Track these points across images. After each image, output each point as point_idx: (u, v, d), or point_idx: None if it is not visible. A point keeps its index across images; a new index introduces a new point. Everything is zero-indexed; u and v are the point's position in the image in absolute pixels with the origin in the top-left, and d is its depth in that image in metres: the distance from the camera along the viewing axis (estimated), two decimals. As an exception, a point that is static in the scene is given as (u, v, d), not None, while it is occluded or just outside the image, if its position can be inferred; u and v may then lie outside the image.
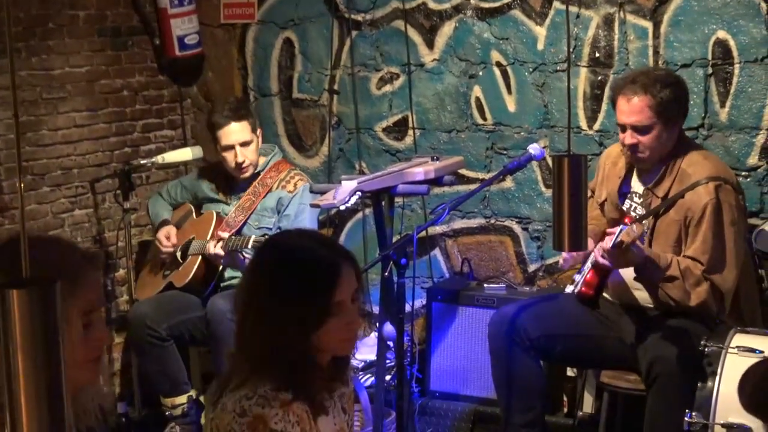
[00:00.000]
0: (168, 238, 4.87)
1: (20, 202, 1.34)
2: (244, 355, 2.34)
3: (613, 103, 3.98)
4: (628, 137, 3.88)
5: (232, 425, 2.24)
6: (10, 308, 1.15)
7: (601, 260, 3.81)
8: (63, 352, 1.81)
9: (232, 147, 4.72)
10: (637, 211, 3.99)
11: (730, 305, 3.91)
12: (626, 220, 3.79)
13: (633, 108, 3.85)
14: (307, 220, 4.72)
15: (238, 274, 4.66)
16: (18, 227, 4.80)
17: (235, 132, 4.72)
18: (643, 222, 3.87)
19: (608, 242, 3.70)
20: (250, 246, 4.49)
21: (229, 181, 4.92)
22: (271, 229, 4.71)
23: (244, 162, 4.74)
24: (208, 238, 4.75)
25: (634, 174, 4.07)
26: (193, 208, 5.03)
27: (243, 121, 4.74)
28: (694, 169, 3.86)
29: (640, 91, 3.84)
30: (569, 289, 4.13)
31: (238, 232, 4.74)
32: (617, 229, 3.68)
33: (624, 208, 4.05)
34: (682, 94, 3.90)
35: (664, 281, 3.80)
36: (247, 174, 4.80)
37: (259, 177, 4.85)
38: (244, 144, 4.73)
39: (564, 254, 4.05)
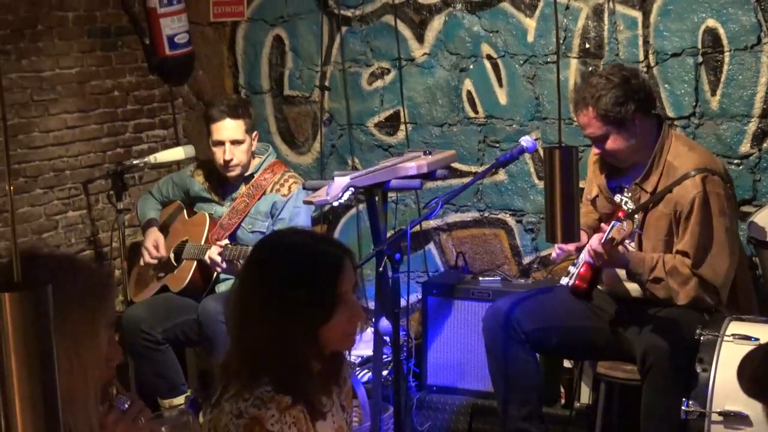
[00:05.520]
0: (156, 248, 4.83)
1: (10, 205, 1.33)
2: (243, 360, 2.33)
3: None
4: (595, 147, 4.01)
5: (228, 426, 2.23)
6: (3, 312, 1.15)
7: (588, 259, 3.85)
8: (81, 366, 1.82)
9: (222, 143, 4.69)
10: (628, 204, 4.00)
11: (730, 294, 3.92)
12: (619, 214, 3.81)
13: (582, 122, 3.94)
14: (302, 223, 4.70)
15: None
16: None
17: (228, 129, 4.69)
18: (634, 218, 3.89)
19: (595, 241, 3.75)
20: None
21: (223, 182, 4.88)
22: (264, 233, 4.67)
23: (231, 160, 4.70)
24: (203, 242, 4.73)
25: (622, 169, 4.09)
26: (183, 206, 4.99)
27: (239, 119, 4.70)
28: (681, 161, 3.87)
29: (583, 105, 3.90)
30: (564, 280, 4.14)
31: (232, 235, 4.72)
32: (609, 225, 3.71)
33: (616, 200, 4.06)
34: (630, 91, 3.85)
35: (650, 282, 3.85)
36: (234, 173, 4.76)
37: (253, 179, 4.82)
38: (235, 142, 4.69)
39: (556, 248, 4.06)
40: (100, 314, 1.90)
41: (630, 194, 4.02)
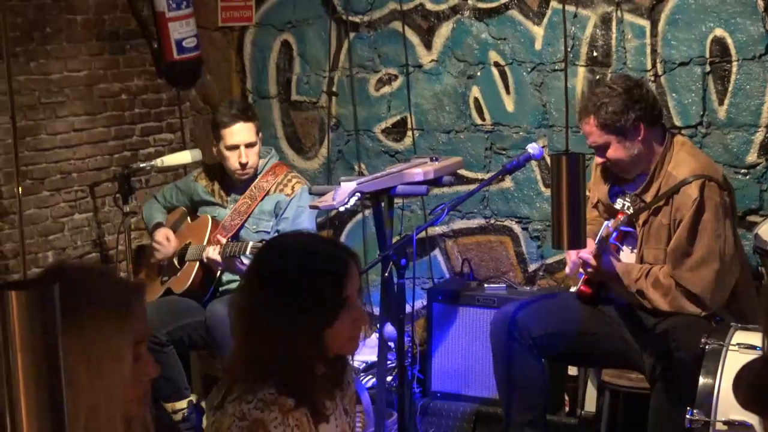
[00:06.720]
0: (168, 239, 4.85)
1: (18, 207, 1.34)
2: (247, 362, 2.33)
3: None
4: (597, 156, 3.99)
5: (231, 429, 2.23)
6: (10, 310, 1.16)
7: (585, 256, 3.88)
8: (114, 386, 1.81)
9: (236, 147, 4.71)
10: (630, 210, 4.00)
11: (732, 302, 3.92)
12: (619, 216, 3.82)
13: (585, 130, 3.95)
14: (306, 222, 4.71)
15: (237, 277, 4.65)
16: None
17: (242, 132, 4.71)
18: (627, 210, 3.92)
19: (583, 252, 3.81)
20: (248, 252, 4.47)
21: (226, 183, 4.90)
22: (268, 232, 4.70)
23: (247, 163, 4.73)
24: (205, 242, 4.74)
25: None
26: (187, 212, 5.01)
27: (249, 122, 4.74)
28: (679, 169, 3.87)
29: (584, 113, 3.92)
30: (574, 288, 4.15)
31: (235, 236, 4.73)
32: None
33: (617, 207, 4.06)
34: (630, 101, 3.86)
35: (635, 293, 3.89)
36: (248, 176, 4.79)
37: (256, 180, 4.84)
38: (249, 145, 4.72)
39: (569, 264, 4.05)
40: (127, 329, 1.87)
41: (630, 201, 4.02)
